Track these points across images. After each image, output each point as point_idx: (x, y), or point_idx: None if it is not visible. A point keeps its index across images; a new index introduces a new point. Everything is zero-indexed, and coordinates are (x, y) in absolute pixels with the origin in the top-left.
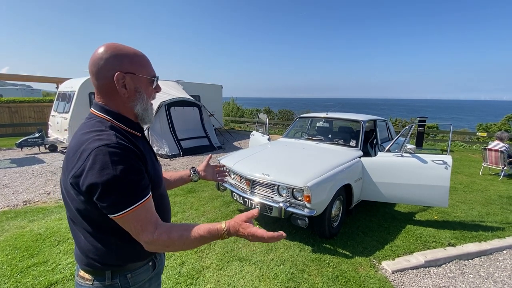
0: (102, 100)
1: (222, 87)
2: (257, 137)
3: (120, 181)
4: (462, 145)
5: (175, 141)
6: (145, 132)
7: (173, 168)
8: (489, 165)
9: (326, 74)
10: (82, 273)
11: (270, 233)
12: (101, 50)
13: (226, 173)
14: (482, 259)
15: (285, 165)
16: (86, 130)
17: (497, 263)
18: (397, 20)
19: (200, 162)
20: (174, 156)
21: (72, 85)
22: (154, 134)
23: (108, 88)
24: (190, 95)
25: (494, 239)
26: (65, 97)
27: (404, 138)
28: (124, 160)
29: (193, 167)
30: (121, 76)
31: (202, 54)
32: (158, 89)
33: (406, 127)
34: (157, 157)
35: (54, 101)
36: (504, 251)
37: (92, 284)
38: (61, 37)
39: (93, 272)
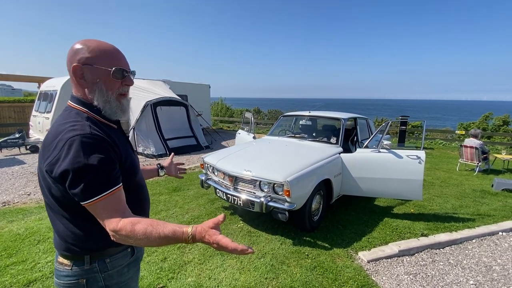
0: (77, 92)
1: (209, 87)
2: (243, 136)
3: (91, 169)
4: (442, 142)
5: (161, 140)
6: (131, 132)
7: None
8: (465, 161)
9: (315, 75)
10: (61, 259)
11: (235, 244)
12: (72, 45)
13: (185, 170)
14: (453, 248)
15: (267, 162)
16: (62, 121)
17: (466, 251)
18: (382, 21)
19: (187, 161)
20: (161, 156)
21: (54, 84)
22: (140, 133)
23: (73, 81)
24: (178, 95)
25: (464, 229)
26: (47, 97)
27: (381, 135)
28: (96, 150)
29: (159, 163)
30: (78, 67)
31: (191, 55)
32: (128, 82)
33: (383, 124)
34: (145, 156)
35: (36, 101)
36: (473, 240)
37: (71, 269)
38: (43, 36)
39: (72, 257)
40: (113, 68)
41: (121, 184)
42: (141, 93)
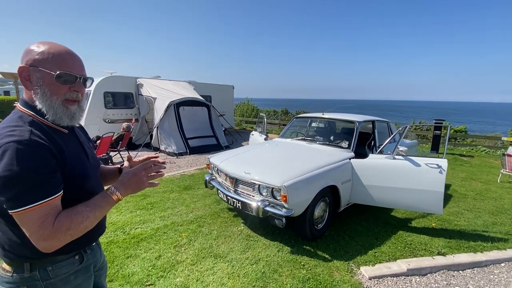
0: (25, 95)
1: (233, 88)
2: (256, 137)
3: (23, 177)
4: (484, 150)
5: (182, 139)
6: (154, 130)
7: (177, 166)
8: (508, 172)
9: (350, 75)
10: (4, 264)
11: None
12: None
13: (162, 169)
14: (475, 271)
15: (268, 165)
16: (4, 125)
17: (491, 276)
18: (423, 18)
19: (206, 161)
20: (181, 154)
21: None
22: (163, 132)
23: (21, 82)
24: (202, 95)
25: (493, 251)
26: None
27: (399, 139)
28: (32, 157)
29: (121, 166)
30: (25, 69)
31: (219, 56)
32: (77, 88)
33: (400, 128)
34: (166, 154)
35: None
36: (502, 264)
37: (11, 276)
38: (78, 38)
39: (12, 264)
40: (57, 72)
41: (61, 192)
42: (166, 94)
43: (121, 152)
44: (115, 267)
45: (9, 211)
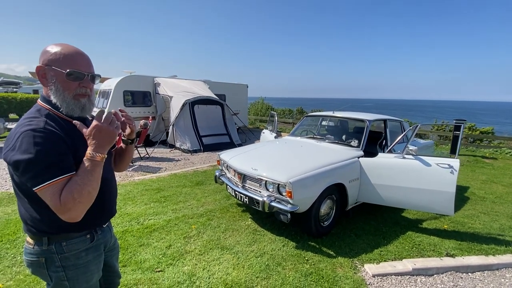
0: (44, 91)
1: (247, 87)
2: (266, 135)
3: (39, 159)
4: (509, 152)
5: (197, 137)
6: (170, 128)
7: (191, 162)
8: None
9: (368, 74)
10: (28, 238)
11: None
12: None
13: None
14: (485, 274)
15: (276, 161)
16: (25, 116)
17: (502, 279)
18: (449, 17)
19: None
20: (195, 151)
21: (110, 84)
22: (178, 130)
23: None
24: (216, 94)
25: (506, 254)
26: (105, 94)
27: (410, 138)
28: (46, 143)
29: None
30: (41, 68)
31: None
32: (85, 84)
33: (411, 127)
34: (181, 151)
35: (96, 98)
36: None
37: (33, 248)
38: (100, 39)
39: (33, 237)
40: (67, 70)
41: (73, 172)
42: (182, 93)
43: (138, 149)
44: (128, 254)
45: (33, 189)
